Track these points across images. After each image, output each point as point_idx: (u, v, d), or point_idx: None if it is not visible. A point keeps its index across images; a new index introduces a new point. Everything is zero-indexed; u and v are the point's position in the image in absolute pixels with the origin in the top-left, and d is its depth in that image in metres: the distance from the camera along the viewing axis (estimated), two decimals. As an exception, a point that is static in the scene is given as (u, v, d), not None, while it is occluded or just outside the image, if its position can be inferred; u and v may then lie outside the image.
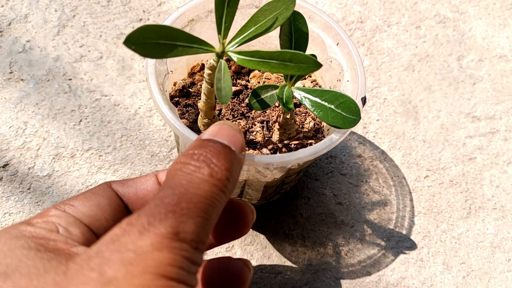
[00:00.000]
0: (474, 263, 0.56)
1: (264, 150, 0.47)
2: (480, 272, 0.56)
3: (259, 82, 0.52)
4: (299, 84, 0.52)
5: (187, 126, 0.47)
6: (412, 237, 0.57)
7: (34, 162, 0.56)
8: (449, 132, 0.64)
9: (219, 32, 0.39)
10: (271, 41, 0.53)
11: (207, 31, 0.48)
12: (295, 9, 0.47)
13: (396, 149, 0.62)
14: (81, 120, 0.59)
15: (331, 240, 0.56)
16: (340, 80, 0.47)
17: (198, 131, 0.47)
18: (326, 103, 0.41)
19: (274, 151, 0.47)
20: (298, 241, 0.55)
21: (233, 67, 0.53)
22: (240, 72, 0.53)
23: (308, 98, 0.41)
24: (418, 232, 0.57)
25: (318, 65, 0.36)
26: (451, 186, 0.61)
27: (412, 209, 0.59)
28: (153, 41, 0.34)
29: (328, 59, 0.49)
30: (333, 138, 0.41)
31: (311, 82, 0.52)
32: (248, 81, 0.52)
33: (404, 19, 0.73)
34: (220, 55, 0.39)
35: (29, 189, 0.54)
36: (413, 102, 0.66)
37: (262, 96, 0.41)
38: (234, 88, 0.52)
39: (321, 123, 0.49)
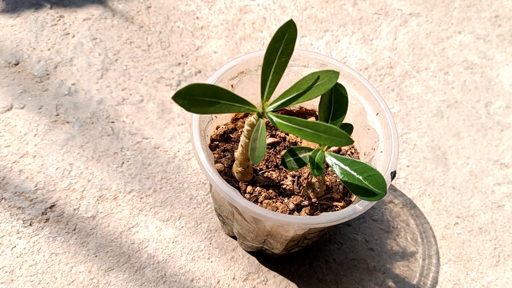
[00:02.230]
0: (503, 312, 0.57)
1: (291, 204, 0.49)
2: (510, 322, 0.57)
3: (297, 137, 0.54)
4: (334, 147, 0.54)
5: (222, 171, 0.50)
6: (442, 284, 0.58)
7: (79, 204, 0.58)
8: (477, 179, 0.66)
9: (262, 95, 0.42)
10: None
11: (255, 83, 0.51)
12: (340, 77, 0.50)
13: (426, 196, 0.64)
14: (123, 163, 0.62)
15: (363, 286, 0.57)
16: (374, 149, 0.50)
17: (231, 177, 0.50)
18: (355, 173, 0.43)
19: (299, 207, 0.49)
20: (331, 287, 0.57)
21: (274, 120, 0.55)
22: (280, 125, 0.55)
23: (339, 166, 0.43)
24: (449, 280, 0.59)
25: (350, 142, 0.38)
26: (480, 234, 0.62)
27: (442, 256, 0.60)
28: (199, 98, 0.37)
29: (366, 126, 0.51)
30: (356, 208, 0.44)
31: (348, 146, 0.54)
32: (287, 134, 0.55)
33: (432, 65, 0.76)
34: (260, 115, 0.42)
35: (74, 230, 0.57)
36: (442, 149, 0.68)
37: (297, 156, 0.43)
38: (272, 140, 0.54)
39: None
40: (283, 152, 0.44)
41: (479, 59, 0.77)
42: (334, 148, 0.54)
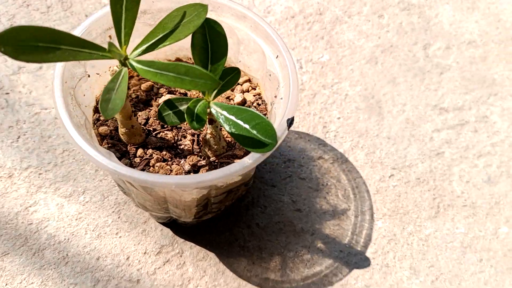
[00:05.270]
0: (443, 266, 0.53)
1: (186, 166, 0.43)
2: (450, 275, 0.52)
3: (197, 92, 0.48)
4: (239, 96, 0.48)
5: (108, 134, 0.44)
6: (376, 241, 0.53)
7: (-31, 185, 0.52)
8: (415, 126, 0.61)
9: (118, 38, 0.36)
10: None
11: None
12: (220, 17, 0.44)
13: (359, 148, 0.59)
14: (19, 137, 0.55)
15: (290, 250, 0.52)
16: (276, 96, 0.44)
17: (118, 140, 0.44)
18: (241, 122, 0.37)
19: (196, 167, 0.43)
20: (254, 254, 0.52)
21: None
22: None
23: (224, 116, 0.38)
24: (383, 236, 0.54)
25: (216, 83, 0.33)
26: (418, 184, 0.57)
27: (377, 211, 0.55)
28: (31, 43, 0.31)
29: (268, 72, 0.45)
30: (245, 162, 0.38)
31: (254, 95, 0.48)
32: (189, 89, 0.48)
33: (365, 8, 0.70)
34: (123, 63, 0.36)
35: (-37, 214, 0.51)
36: (376, 97, 0.62)
37: (177, 109, 0.37)
38: (169, 96, 0.48)
39: None
40: (159, 107, 0.38)
41: (416, -1, 0.71)
42: (238, 99, 0.48)
